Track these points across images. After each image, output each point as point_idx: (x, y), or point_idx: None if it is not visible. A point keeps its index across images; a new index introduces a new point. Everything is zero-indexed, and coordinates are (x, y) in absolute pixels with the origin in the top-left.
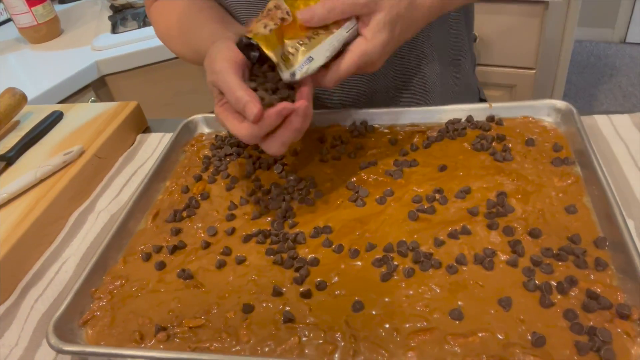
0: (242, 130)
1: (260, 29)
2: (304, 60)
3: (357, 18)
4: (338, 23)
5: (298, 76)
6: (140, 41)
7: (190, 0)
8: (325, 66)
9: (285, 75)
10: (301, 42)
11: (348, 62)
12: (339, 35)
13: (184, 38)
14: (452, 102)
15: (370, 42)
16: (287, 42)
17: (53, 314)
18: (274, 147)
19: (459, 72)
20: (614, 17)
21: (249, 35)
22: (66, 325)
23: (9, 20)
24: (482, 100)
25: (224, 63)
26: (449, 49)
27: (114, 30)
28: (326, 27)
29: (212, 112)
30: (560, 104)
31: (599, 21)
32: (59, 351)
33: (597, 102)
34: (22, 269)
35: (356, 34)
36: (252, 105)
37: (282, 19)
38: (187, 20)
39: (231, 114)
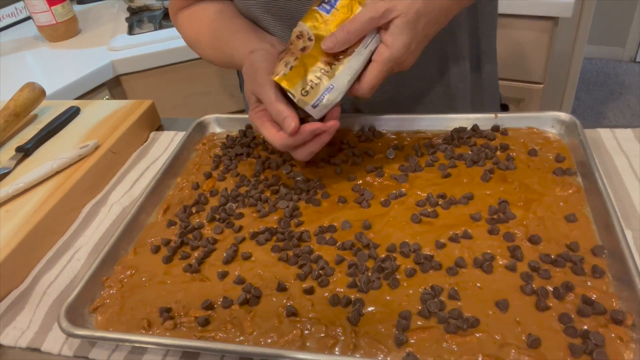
0: (277, 138)
1: (281, 67)
2: (325, 89)
3: (378, 28)
4: (358, 41)
5: (319, 109)
6: (155, 43)
7: (221, 7)
8: (358, 78)
9: (308, 108)
10: (324, 71)
11: (374, 72)
12: (358, 55)
13: (215, 43)
14: (477, 107)
15: (392, 47)
16: (310, 72)
17: (64, 300)
18: (302, 155)
19: (482, 77)
20: (624, 36)
21: (273, 78)
22: (77, 311)
23: (28, 18)
24: (504, 105)
25: (267, 77)
26: (473, 52)
27: (131, 31)
28: (346, 49)
29: (224, 113)
30: (565, 116)
31: (610, 39)
32: (70, 335)
33: (606, 120)
34: (35, 256)
35: (379, 41)
36: (291, 120)
37: (303, 48)
38: (219, 26)
39: (268, 121)
